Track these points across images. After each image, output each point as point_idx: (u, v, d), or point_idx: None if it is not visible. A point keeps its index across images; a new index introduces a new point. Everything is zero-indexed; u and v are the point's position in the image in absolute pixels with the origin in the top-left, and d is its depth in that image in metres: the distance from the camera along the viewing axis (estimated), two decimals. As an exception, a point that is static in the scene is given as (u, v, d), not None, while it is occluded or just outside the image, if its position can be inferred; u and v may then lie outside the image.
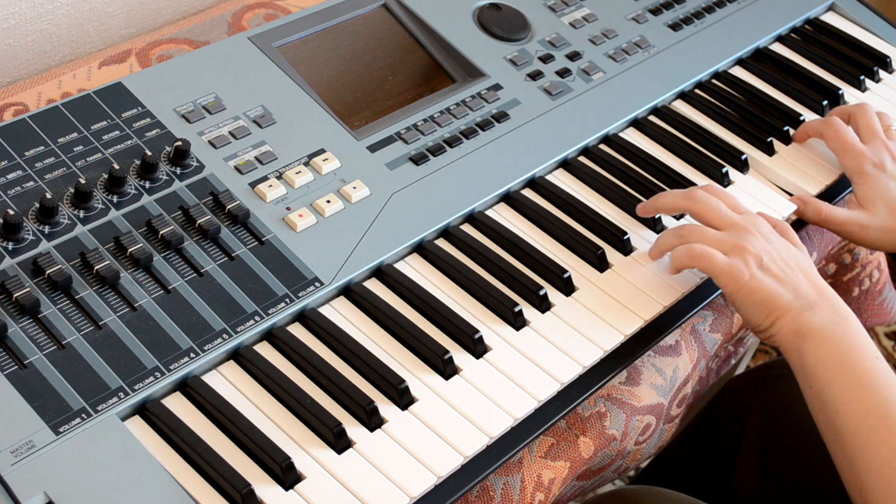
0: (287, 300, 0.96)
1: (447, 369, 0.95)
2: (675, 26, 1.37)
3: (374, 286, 1.02)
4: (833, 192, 1.26)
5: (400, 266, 1.04)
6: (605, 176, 1.18)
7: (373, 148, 1.10)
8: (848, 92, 1.40)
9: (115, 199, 0.98)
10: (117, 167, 0.98)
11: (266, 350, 0.94)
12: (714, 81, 1.36)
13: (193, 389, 0.89)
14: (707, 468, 1.37)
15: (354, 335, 0.96)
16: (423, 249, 1.06)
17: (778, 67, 1.41)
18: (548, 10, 1.32)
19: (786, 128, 1.29)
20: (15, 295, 0.88)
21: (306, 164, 1.06)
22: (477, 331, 0.98)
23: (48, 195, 0.94)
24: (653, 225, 1.14)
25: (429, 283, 1.03)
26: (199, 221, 0.98)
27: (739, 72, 1.39)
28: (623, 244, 1.10)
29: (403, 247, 1.04)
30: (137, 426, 0.87)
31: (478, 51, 1.23)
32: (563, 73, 1.25)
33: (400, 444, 0.89)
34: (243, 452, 0.87)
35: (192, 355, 0.90)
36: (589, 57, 1.28)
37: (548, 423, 0.96)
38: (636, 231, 1.13)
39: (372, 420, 0.90)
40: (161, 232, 0.96)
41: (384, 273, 1.02)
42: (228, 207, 0.99)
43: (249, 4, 1.36)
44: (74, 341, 0.88)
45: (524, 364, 0.98)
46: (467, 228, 1.10)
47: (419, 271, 1.04)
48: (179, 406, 0.89)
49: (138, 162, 1.01)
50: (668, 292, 1.07)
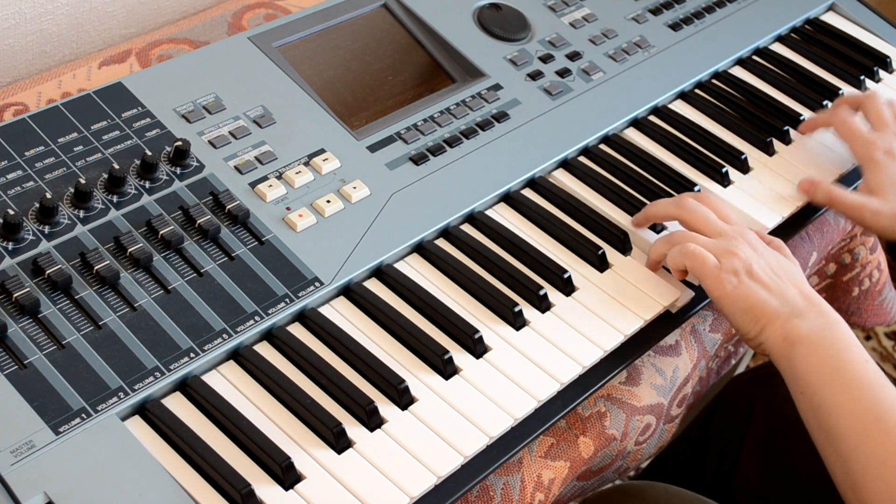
0: (287, 300, 0.96)
1: (447, 369, 0.95)
2: (675, 26, 1.37)
3: (374, 286, 1.02)
4: (833, 192, 1.26)
5: (400, 266, 1.04)
6: (605, 176, 1.18)
7: (373, 148, 1.10)
8: (848, 92, 1.40)
9: (115, 199, 0.98)
10: (117, 167, 0.98)
11: (266, 350, 0.94)
12: (714, 81, 1.36)
13: (193, 389, 0.89)
14: (710, 466, 1.37)
15: (354, 335, 0.96)
16: (423, 249, 1.06)
17: (778, 67, 1.41)
18: (548, 10, 1.32)
19: (786, 128, 1.29)
20: (15, 295, 0.88)
21: (306, 164, 1.06)
22: (477, 331, 0.98)
23: (48, 195, 0.94)
24: (653, 225, 1.14)
25: (429, 283, 1.03)
26: (199, 221, 0.97)
27: (739, 72, 1.39)
28: (623, 244, 1.10)
29: (403, 247, 1.04)
30: (137, 426, 0.87)
31: (478, 51, 1.23)
32: (563, 73, 1.24)
33: (400, 444, 0.89)
34: (243, 452, 0.87)
35: (192, 355, 0.90)
36: (589, 57, 1.28)
37: (548, 423, 0.96)
38: (636, 231, 1.13)
39: (372, 420, 0.90)
40: (161, 232, 0.95)
41: (384, 273, 1.02)
42: (228, 207, 0.99)
43: (249, 4, 1.36)
44: (74, 341, 0.88)
45: (524, 364, 0.98)
46: (467, 228, 1.10)
47: (419, 271, 1.04)
48: (179, 406, 0.89)
49: (138, 162, 1.01)
50: (668, 292, 1.07)
